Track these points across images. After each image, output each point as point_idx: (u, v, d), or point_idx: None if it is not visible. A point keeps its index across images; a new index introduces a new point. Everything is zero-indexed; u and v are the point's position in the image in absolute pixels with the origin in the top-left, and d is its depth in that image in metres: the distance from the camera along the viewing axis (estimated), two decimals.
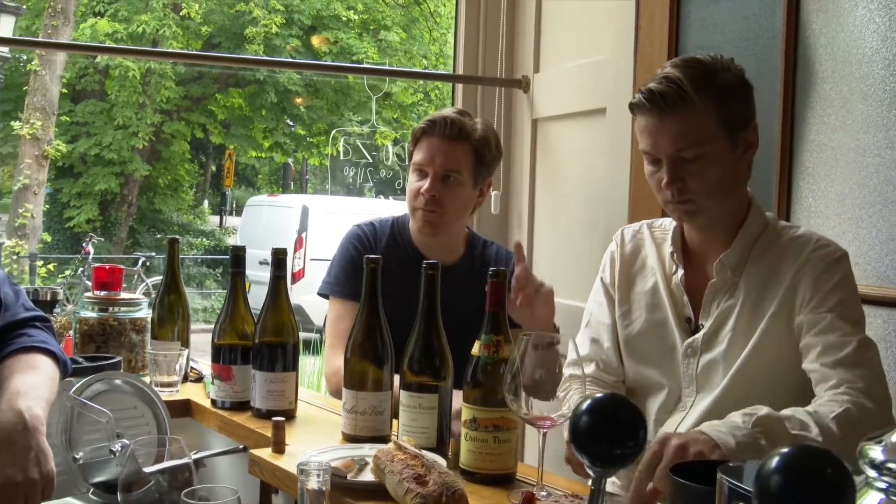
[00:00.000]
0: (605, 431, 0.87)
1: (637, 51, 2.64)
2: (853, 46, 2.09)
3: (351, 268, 2.53)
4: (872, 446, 0.86)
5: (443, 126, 2.49)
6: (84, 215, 16.23)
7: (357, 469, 1.68)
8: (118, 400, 2.00)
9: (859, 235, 2.07)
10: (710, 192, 1.84)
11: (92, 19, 15.78)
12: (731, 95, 1.82)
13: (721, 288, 1.89)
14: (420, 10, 18.01)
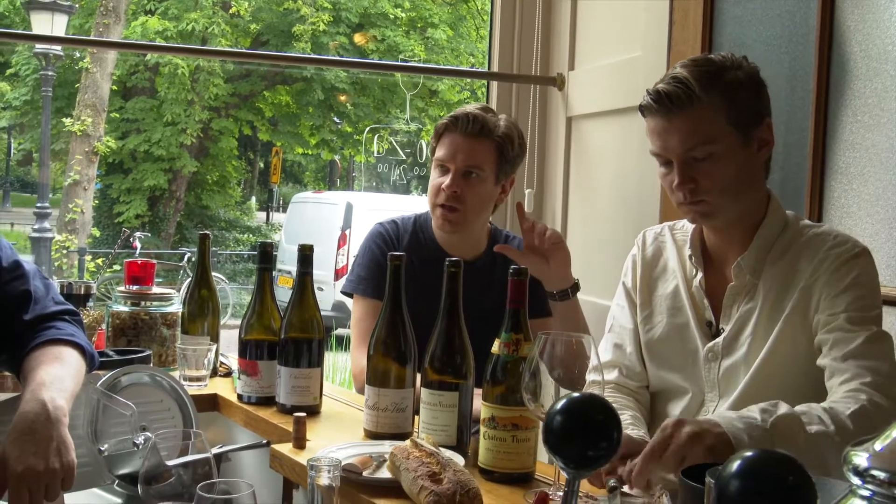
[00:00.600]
0: (578, 433, 0.86)
1: (671, 48, 2.61)
2: (889, 44, 2.05)
3: (375, 266, 2.54)
4: (857, 453, 0.84)
5: (465, 122, 2.48)
6: (133, 211, 16.48)
7: (375, 466, 1.69)
8: (145, 393, 2.03)
9: (892, 236, 2.03)
10: (723, 190, 1.82)
11: (143, 17, 16.01)
12: (739, 92, 1.80)
13: (740, 291, 1.86)
14: (467, 7, 18.00)
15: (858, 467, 0.83)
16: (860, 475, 0.83)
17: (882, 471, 0.82)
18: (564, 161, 3.21)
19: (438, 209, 2.52)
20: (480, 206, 2.54)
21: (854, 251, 1.78)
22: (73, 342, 1.81)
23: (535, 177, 3.29)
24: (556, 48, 3.28)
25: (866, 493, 0.83)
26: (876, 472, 0.82)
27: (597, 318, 2.91)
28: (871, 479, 0.82)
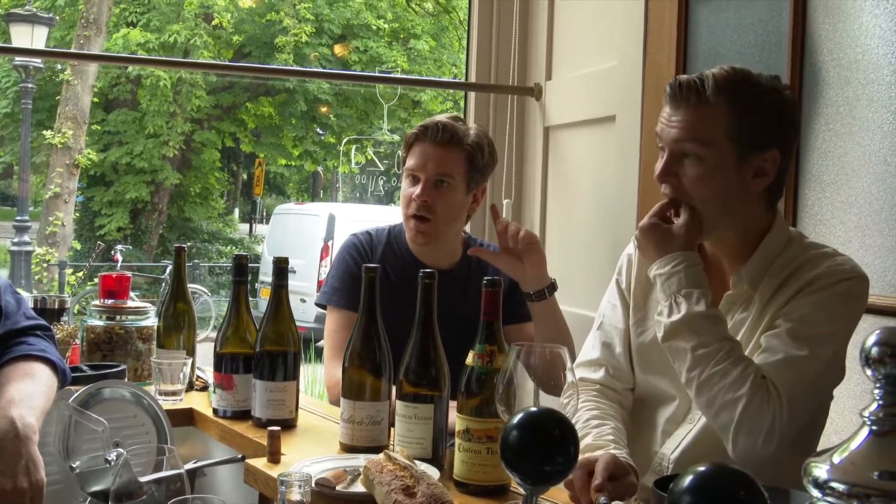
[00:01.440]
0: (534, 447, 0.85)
1: (646, 57, 2.62)
2: (859, 53, 2.06)
3: (349, 277, 2.53)
4: (817, 465, 0.84)
5: (434, 131, 2.49)
6: (115, 223, 16.40)
7: (349, 480, 1.68)
8: (119, 408, 2.01)
9: (865, 243, 2.03)
10: (703, 199, 1.79)
11: (124, 29, 15.96)
12: (751, 110, 1.75)
13: (737, 300, 1.84)
14: (450, 18, 18.03)
15: (818, 479, 0.83)
16: (820, 487, 0.83)
17: (841, 483, 0.82)
18: (542, 171, 3.21)
19: (411, 220, 2.52)
20: (452, 215, 2.54)
21: (846, 275, 1.74)
22: (44, 358, 1.80)
23: (512, 187, 3.29)
24: (533, 59, 3.28)
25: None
26: (835, 485, 0.82)
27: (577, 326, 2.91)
28: (831, 490, 0.82)
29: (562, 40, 3.16)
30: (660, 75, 2.54)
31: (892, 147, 1.98)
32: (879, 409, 0.87)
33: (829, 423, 1.83)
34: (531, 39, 3.29)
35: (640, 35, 2.63)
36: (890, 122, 1.99)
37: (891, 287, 1.98)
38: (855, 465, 0.84)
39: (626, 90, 2.69)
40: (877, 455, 0.85)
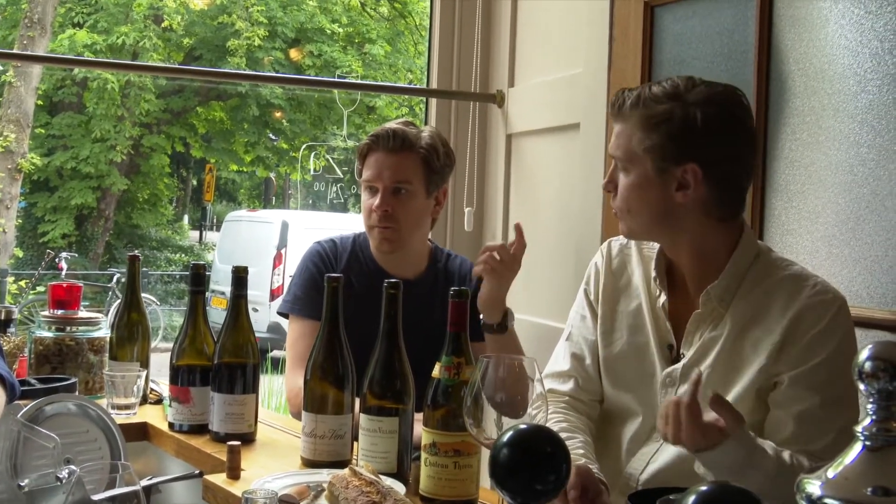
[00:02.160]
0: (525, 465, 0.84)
1: (611, 65, 2.63)
2: (825, 63, 2.09)
3: (312, 286, 2.52)
4: (811, 481, 0.85)
5: (386, 139, 2.49)
6: (59, 230, 16.15)
7: (312, 496, 1.66)
8: (70, 423, 1.97)
9: (832, 253, 2.06)
10: (630, 210, 1.86)
11: (70, 30, 15.74)
12: (657, 126, 1.80)
13: (706, 318, 1.85)
14: (405, 23, 18.05)
15: (812, 496, 0.84)
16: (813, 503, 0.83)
17: (835, 499, 0.82)
18: (504, 178, 3.22)
19: (375, 230, 2.52)
20: (415, 221, 2.54)
21: (834, 307, 1.75)
22: None
23: (474, 195, 3.29)
24: (495, 65, 3.29)
25: None
26: (829, 501, 0.82)
27: (538, 337, 2.92)
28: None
29: (525, 47, 3.17)
30: (625, 83, 2.55)
31: (859, 157, 2.00)
32: (872, 423, 0.87)
33: None
34: (493, 46, 3.30)
35: (606, 42, 2.65)
36: (856, 132, 2.01)
37: (857, 297, 2.00)
38: (848, 480, 0.84)
39: (591, 97, 2.70)
40: (870, 470, 0.86)
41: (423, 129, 2.60)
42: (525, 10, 3.16)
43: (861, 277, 2.00)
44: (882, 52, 1.97)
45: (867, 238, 1.99)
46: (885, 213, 1.95)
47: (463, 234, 3.28)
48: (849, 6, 2.04)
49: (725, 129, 1.81)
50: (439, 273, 2.62)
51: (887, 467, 0.86)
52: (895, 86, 1.94)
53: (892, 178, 1.93)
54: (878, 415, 0.87)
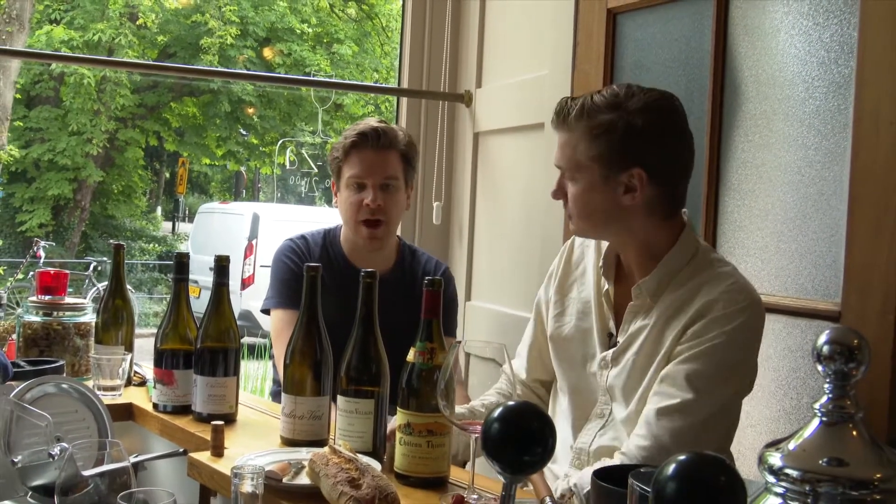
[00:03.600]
0: (515, 439, 0.87)
1: (574, 68, 2.66)
2: (776, 70, 2.13)
3: (291, 277, 2.53)
4: (772, 453, 0.88)
5: (374, 137, 2.51)
6: (36, 220, 15.96)
7: (293, 472, 1.67)
8: (59, 404, 1.97)
9: (780, 248, 2.10)
10: (580, 215, 1.89)
11: (48, 26, 15.53)
12: (601, 136, 1.82)
13: (639, 310, 1.89)
14: (372, 24, 18.00)
15: (773, 466, 0.87)
16: (774, 474, 0.87)
17: (794, 469, 0.86)
18: (472, 175, 3.24)
19: (363, 227, 2.52)
20: (399, 215, 2.59)
21: (740, 304, 1.77)
22: None
23: (443, 190, 3.31)
24: (464, 66, 3.31)
25: (780, 490, 0.87)
26: (789, 471, 0.86)
27: (503, 325, 2.95)
28: (785, 476, 0.86)
29: (492, 50, 3.19)
30: (588, 85, 2.58)
31: (806, 158, 2.05)
32: (829, 401, 0.91)
33: (745, 417, 1.88)
34: (462, 48, 3.32)
35: (570, 46, 2.67)
36: (804, 135, 2.06)
37: (803, 289, 2.05)
38: (806, 451, 0.88)
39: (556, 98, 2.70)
40: (826, 443, 0.90)
41: (396, 127, 2.64)
42: (493, 15, 3.18)
43: (807, 271, 2.04)
44: (828, 61, 2.01)
45: (813, 234, 2.03)
46: (829, 212, 2.00)
47: (431, 227, 3.30)
48: (798, 17, 2.08)
49: (665, 133, 1.85)
50: (406, 270, 2.64)
51: (841, 441, 0.90)
52: (840, 93, 1.99)
53: (836, 179, 1.98)
54: (833, 393, 0.91)
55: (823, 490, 0.85)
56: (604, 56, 2.55)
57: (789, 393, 2.06)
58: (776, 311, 2.04)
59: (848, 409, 0.90)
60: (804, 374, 2.03)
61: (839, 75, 1.99)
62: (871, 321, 1.88)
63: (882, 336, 1.83)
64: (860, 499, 0.86)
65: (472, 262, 3.24)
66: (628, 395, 1.85)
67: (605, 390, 1.91)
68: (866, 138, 1.90)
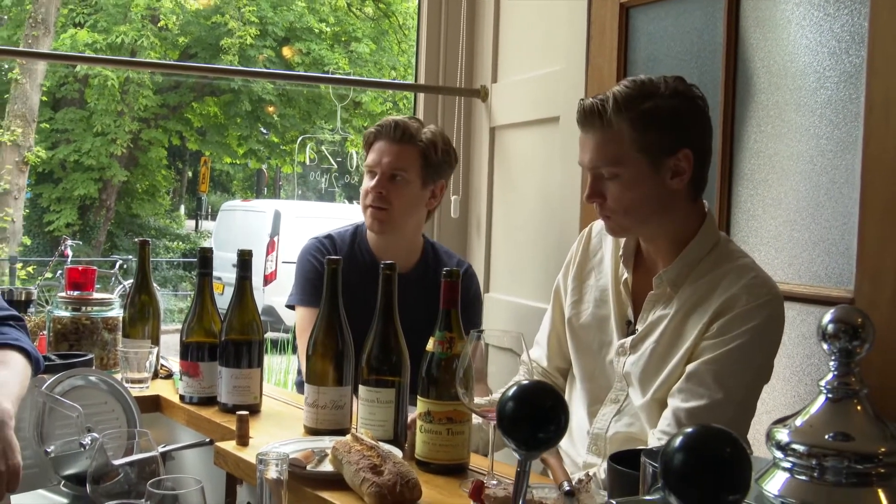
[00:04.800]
0: (528, 417, 0.89)
1: (588, 62, 2.67)
2: (787, 60, 2.13)
3: (316, 277, 2.54)
4: (779, 429, 0.90)
5: (389, 129, 2.56)
6: (63, 220, 16.09)
7: (317, 460, 1.69)
8: (89, 396, 2.00)
9: (793, 237, 2.10)
10: (626, 211, 1.85)
11: (72, 30, 15.64)
12: (650, 123, 1.80)
13: (659, 299, 1.89)
14: (389, 22, 18.01)
15: (780, 442, 0.89)
16: (782, 449, 0.89)
17: (801, 444, 0.88)
18: (488, 169, 3.25)
19: (368, 210, 2.57)
20: (407, 207, 2.58)
21: (763, 299, 1.77)
22: (18, 346, 1.78)
23: (460, 184, 3.33)
24: (479, 62, 3.32)
25: (787, 464, 0.89)
26: (796, 446, 0.87)
27: (521, 317, 2.96)
28: (792, 451, 0.88)
29: (507, 45, 3.20)
30: (602, 79, 2.59)
31: (818, 148, 2.05)
32: (834, 378, 0.92)
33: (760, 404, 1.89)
34: (478, 44, 3.32)
35: (584, 41, 2.68)
36: (816, 125, 2.06)
37: (816, 277, 2.05)
38: (813, 427, 0.89)
39: (570, 93, 2.74)
40: (831, 419, 0.91)
41: (429, 126, 2.64)
42: (507, 11, 3.19)
43: (820, 259, 2.04)
44: (839, 52, 2.01)
45: (825, 223, 2.03)
46: (841, 200, 2.00)
47: (449, 221, 3.32)
48: (809, 9, 2.08)
49: (702, 112, 1.87)
50: (430, 268, 2.66)
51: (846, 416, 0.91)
52: (851, 82, 1.98)
53: (848, 168, 1.98)
54: (838, 370, 0.92)
55: (829, 464, 0.87)
56: (617, 50, 2.56)
57: (804, 379, 2.06)
58: (790, 298, 2.04)
59: (853, 385, 0.91)
60: (818, 360, 2.04)
61: (850, 65, 1.99)
62: (884, 307, 1.88)
63: (894, 321, 1.83)
64: (865, 472, 0.87)
65: (490, 255, 3.25)
66: (646, 382, 1.86)
67: (621, 377, 1.92)
68: (877, 127, 1.90)
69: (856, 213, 1.95)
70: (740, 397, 1.77)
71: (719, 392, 1.73)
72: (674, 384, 1.81)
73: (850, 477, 0.88)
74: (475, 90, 3.29)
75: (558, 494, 1.48)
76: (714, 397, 1.73)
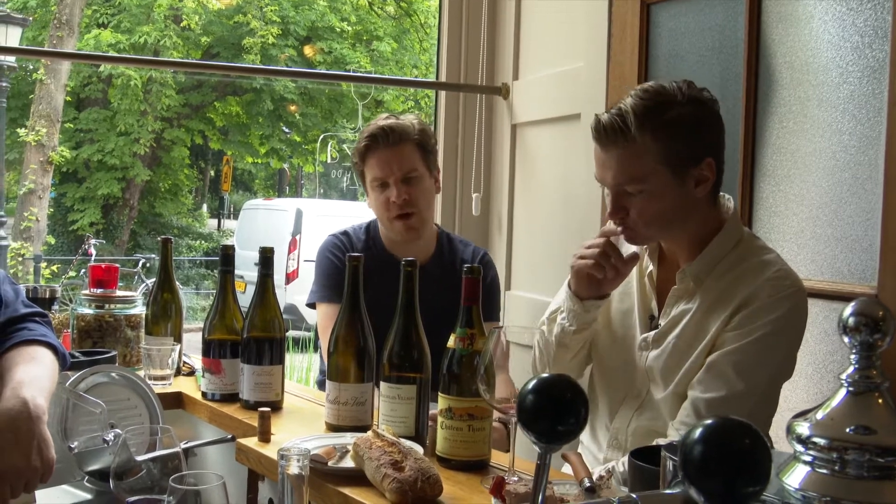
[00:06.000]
0: (549, 410, 0.89)
1: (609, 59, 2.66)
2: (809, 55, 2.12)
3: (335, 273, 2.55)
4: (800, 423, 0.90)
5: (384, 136, 2.53)
6: (87, 219, 16.22)
7: (338, 456, 1.70)
8: (113, 392, 2.02)
9: (816, 233, 2.09)
10: (649, 223, 1.83)
11: (96, 30, 15.76)
12: (675, 134, 1.77)
13: (682, 294, 1.88)
14: (411, 21, 18.03)
15: (801, 435, 0.89)
16: (803, 442, 0.89)
17: (822, 437, 0.88)
18: (510, 166, 3.25)
19: (396, 222, 2.55)
20: (428, 202, 2.60)
21: (786, 291, 1.77)
22: (45, 342, 1.80)
23: (481, 181, 3.33)
24: (500, 59, 3.32)
25: (808, 458, 0.88)
26: (817, 439, 0.87)
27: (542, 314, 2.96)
28: (813, 445, 0.88)
29: (528, 43, 3.20)
30: (623, 76, 2.58)
31: (841, 144, 2.04)
32: (855, 371, 0.92)
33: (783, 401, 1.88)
34: (499, 42, 3.33)
35: (604, 38, 2.67)
36: (838, 121, 2.05)
37: (838, 273, 2.04)
38: (834, 420, 0.90)
39: (591, 89, 2.73)
40: (853, 412, 0.91)
41: (406, 116, 2.63)
42: (528, 8, 3.19)
43: (843, 255, 2.03)
44: (862, 46, 2.00)
45: (848, 219, 2.02)
46: (864, 196, 1.98)
47: (471, 218, 3.32)
48: (832, 3, 2.07)
49: (717, 118, 1.84)
50: (445, 258, 2.66)
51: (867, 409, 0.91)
52: (874, 77, 1.97)
53: (871, 164, 1.97)
54: (859, 364, 0.92)
55: (851, 457, 0.87)
56: (638, 47, 2.55)
57: (826, 376, 2.05)
58: (813, 295, 2.03)
59: (874, 378, 0.91)
60: (841, 356, 2.02)
61: (873, 60, 1.98)
62: None
63: None
64: (887, 465, 0.87)
65: (512, 252, 3.25)
66: (667, 376, 1.85)
67: (643, 371, 1.92)
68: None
69: (879, 209, 1.94)
70: (761, 389, 1.76)
71: (739, 383, 1.72)
72: (694, 376, 1.80)
73: (872, 470, 0.88)
74: (496, 87, 3.30)
75: (579, 491, 1.48)
76: (734, 389, 1.72)
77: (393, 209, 2.53)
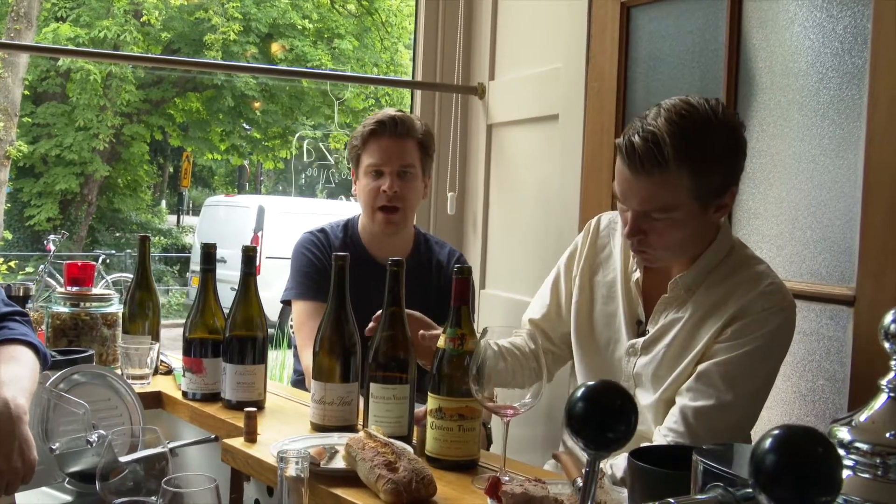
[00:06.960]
0: (598, 417, 0.88)
1: (589, 60, 2.66)
2: (790, 60, 2.13)
3: (313, 271, 2.53)
4: (840, 427, 0.90)
5: (392, 125, 2.52)
6: (44, 214, 15.95)
7: (328, 457, 1.68)
8: (93, 392, 1.98)
9: (795, 235, 2.11)
10: (667, 247, 1.82)
11: (54, 24, 15.50)
12: (712, 171, 1.73)
13: (672, 302, 1.88)
14: (372, 19, 17.96)
15: (843, 440, 0.89)
16: (844, 447, 0.89)
17: (864, 442, 0.88)
18: (485, 166, 3.24)
19: (379, 213, 2.53)
20: (415, 202, 2.59)
21: (777, 307, 1.77)
22: (26, 342, 1.76)
23: (457, 181, 3.32)
24: (476, 59, 3.31)
25: (850, 462, 0.89)
26: (859, 444, 0.87)
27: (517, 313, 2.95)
28: (855, 450, 0.88)
29: (505, 43, 3.19)
30: (602, 78, 2.58)
31: (821, 148, 2.05)
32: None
33: None
34: (475, 41, 3.31)
35: (584, 38, 2.67)
36: (818, 125, 2.06)
37: (817, 275, 2.06)
38: (875, 424, 0.90)
39: (570, 90, 2.73)
40: (894, 417, 0.91)
41: (414, 116, 2.64)
42: (505, 9, 3.18)
43: (822, 257, 2.05)
44: (842, 52, 2.02)
45: (827, 222, 2.04)
46: (843, 199, 2.00)
47: (446, 217, 3.31)
48: (812, 10, 2.08)
49: (745, 144, 1.81)
50: (422, 259, 2.65)
51: None
52: (853, 83, 1.99)
53: (850, 168, 1.98)
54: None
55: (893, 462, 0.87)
56: (618, 49, 2.55)
57: (805, 375, 2.07)
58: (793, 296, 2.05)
59: None
60: (819, 357, 2.04)
61: (853, 66, 1.99)
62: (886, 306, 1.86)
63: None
64: None
65: (487, 251, 3.25)
66: (656, 383, 1.86)
67: (629, 376, 1.92)
68: (880, 127, 1.91)
69: (858, 212, 1.95)
70: (748, 400, 1.77)
71: (728, 393, 1.73)
72: (682, 384, 1.80)
73: None
74: (472, 87, 3.29)
75: (572, 490, 1.47)
76: (722, 399, 1.73)
77: (381, 199, 2.52)
